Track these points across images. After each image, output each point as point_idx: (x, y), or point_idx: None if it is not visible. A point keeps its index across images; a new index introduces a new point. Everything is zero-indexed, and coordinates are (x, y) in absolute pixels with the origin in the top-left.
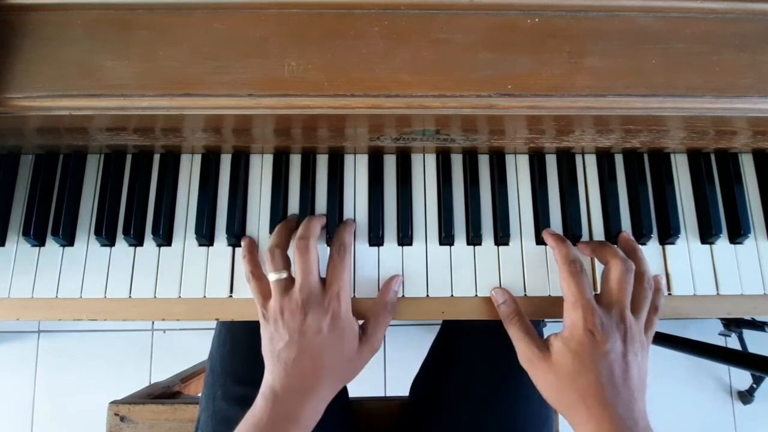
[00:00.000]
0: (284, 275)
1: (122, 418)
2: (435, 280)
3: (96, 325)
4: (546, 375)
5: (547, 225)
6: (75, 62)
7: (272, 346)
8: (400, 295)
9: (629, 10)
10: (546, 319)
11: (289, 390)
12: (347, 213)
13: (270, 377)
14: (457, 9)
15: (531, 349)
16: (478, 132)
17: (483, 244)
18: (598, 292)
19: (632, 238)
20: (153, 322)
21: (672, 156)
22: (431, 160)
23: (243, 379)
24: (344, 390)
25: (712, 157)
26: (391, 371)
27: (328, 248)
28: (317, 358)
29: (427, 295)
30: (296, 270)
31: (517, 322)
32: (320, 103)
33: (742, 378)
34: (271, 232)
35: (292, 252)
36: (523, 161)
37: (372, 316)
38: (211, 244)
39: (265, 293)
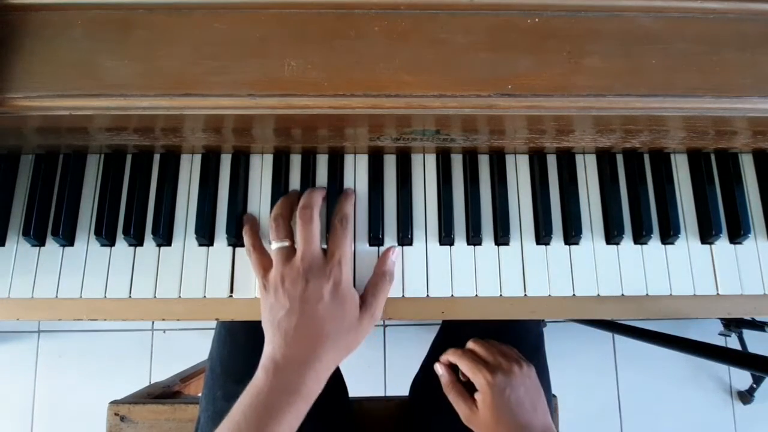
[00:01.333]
0: (287, 243)
1: (122, 418)
2: (435, 280)
3: (96, 325)
4: (480, 426)
5: (548, 225)
6: (75, 62)
7: (272, 315)
8: (399, 295)
9: (629, 10)
10: (546, 319)
11: (290, 359)
12: None
13: (270, 348)
14: (457, 9)
15: (467, 410)
16: (478, 132)
17: (483, 244)
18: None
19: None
20: (153, 322)
21: (672, 156)
22: (431, 160)
23: (243, 379)
24: (344, 390)
25: (712, 157)
26: (391, 371)
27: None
28: (318, 326)
29: (427, 295)
30: (298, 239)
31: (453, 390)
32: (320, 103)
33: (742, 378)
34: None
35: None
36: (523, 161)
37: (371, 286)
38: (211, 244)
39: (265, 265)
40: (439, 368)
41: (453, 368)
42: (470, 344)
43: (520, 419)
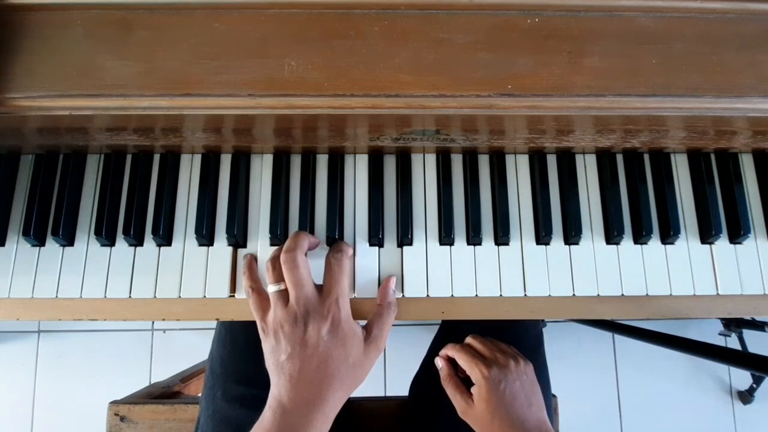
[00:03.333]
0: (283, 286)
1: (122, 418)
2: (435, 280)
3: (96, 325)
4: (475, 419)
5: (548, 225)
6: (75, 62)
7: (275, 359)
8: (399, 295)
9: (629, 10)
10: (546, 319)
11: (296, 402)
12: (347, 213)
13: (276, 390)
14: (457, 9)
15: (463, 403)
16: (478, 132)
17: (483, 244)
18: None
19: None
20: (153, 322)
21: (672, 156)
22: (431, 160)
23: (243, 379)
24: None
25: (712, 157)
26: (391, 371)
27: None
28: (322, 367)
29: (427, 295)
30: (287, 284)
31: (450, 383)
32: (320, 103)
33: (742, 378)
34: (271, 231)
35: None
36: (523, 161)
37: (376, 318)
38: (211, 244)
39: (263, 307)
40: (438, 361)
41: (452, 363)
42: (468, 339)
43: (514, 413)
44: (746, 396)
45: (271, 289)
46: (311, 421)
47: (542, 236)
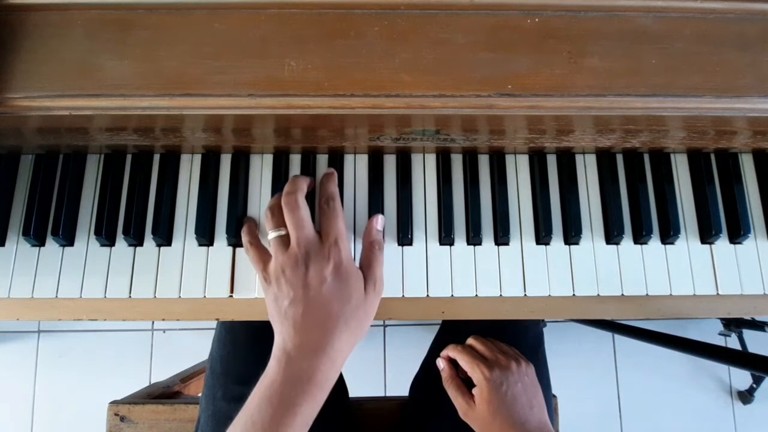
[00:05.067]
0: (283, 232)
1: (122, 418)
2: (435, 280)
3: (96, 325)
4: (476, 421)
5: (548, 225)
6: (75, 62)
7: (277, 306)
8: (399, 295)
9: (629, 10)
10: (546, 319)
11: (301, 348)
12: (347, 212)
13: (280, 339)
14: (457, 9)
15: (464, 405)
16: (478, 132)
17: (483, 244)
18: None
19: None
20: (153, 322)
21: (672, 156)
22: (431, 160)
23: (243, 379)
24: (344, 390)
25: (712, 157)
26: (391, 371)
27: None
28: (326, 309)
29: (427, 295)
30: (289, 226)
31: (452, 384)
32: (320, 103)
33: (742, 378)
34: None
35: None
36: (523, 161)
37: (364, 259)
38: (211, 244)
39: (264, 259)
40: (440, 362)
41: (453, 364)
42: (470, 340)
43: (515, 415)
44: (746, 396)
45: (272, 235)
46: (318, 366)
47: (542, 236)
